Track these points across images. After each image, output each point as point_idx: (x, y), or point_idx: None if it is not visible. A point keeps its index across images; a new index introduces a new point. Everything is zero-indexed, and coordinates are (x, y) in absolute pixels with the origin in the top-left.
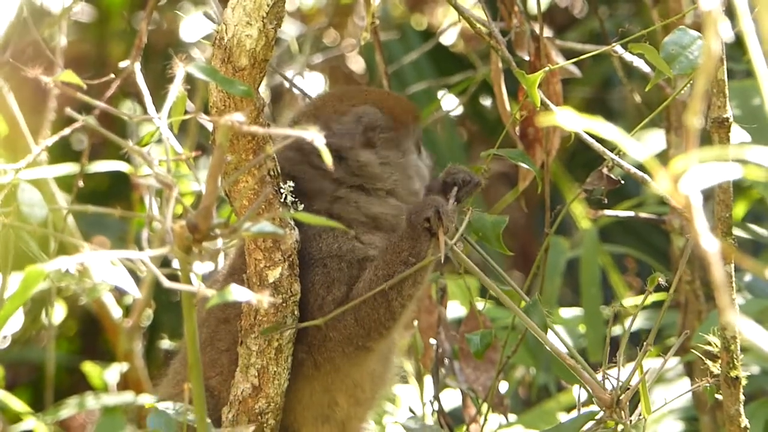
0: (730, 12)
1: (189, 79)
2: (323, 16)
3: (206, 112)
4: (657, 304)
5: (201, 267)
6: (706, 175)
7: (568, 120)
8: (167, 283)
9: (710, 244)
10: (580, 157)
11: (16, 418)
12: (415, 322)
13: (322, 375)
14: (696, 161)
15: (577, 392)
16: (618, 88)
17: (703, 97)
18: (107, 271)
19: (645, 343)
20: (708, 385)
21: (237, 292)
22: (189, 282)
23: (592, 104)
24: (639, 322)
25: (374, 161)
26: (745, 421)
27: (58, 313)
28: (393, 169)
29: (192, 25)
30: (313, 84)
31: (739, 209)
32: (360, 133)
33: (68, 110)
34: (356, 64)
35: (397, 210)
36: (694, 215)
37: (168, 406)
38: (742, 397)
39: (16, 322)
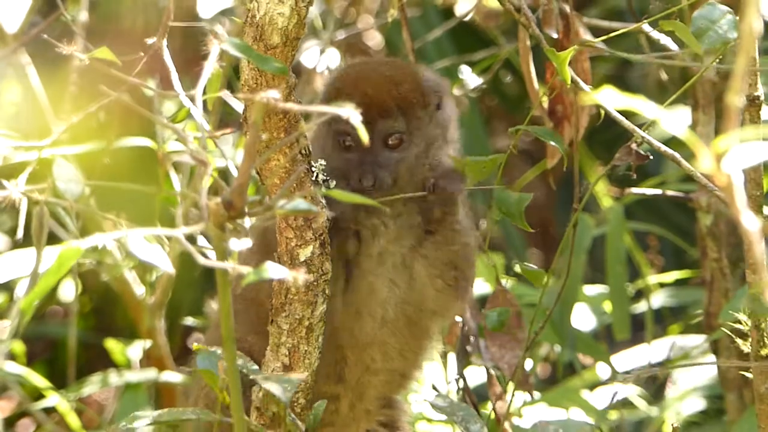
0: None
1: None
2: None
3: (230, 88)
4: (680, 282)
5: (236, 244)
6: (747, 154)
7: (608, 98)
8: (202, 261)
9: (751, 222)
10: (601, 135)
11: (35, 393)
12: None
13: (328, 329)
14: (737, 140)
15: (601, 369)
16: (639, 65)
17: (736, 75)
18: (142, 248)
19: None
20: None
21: (272, 270)
22: (224, 259)
23: (612, 81)
24: (662, 300)
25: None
26: None
27: (72, 289)
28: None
29: (209, 1)
30: (331, 60)
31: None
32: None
33: (102, 87)
34: (372, 39)
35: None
36: (734, 194)
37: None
38: None
39: None
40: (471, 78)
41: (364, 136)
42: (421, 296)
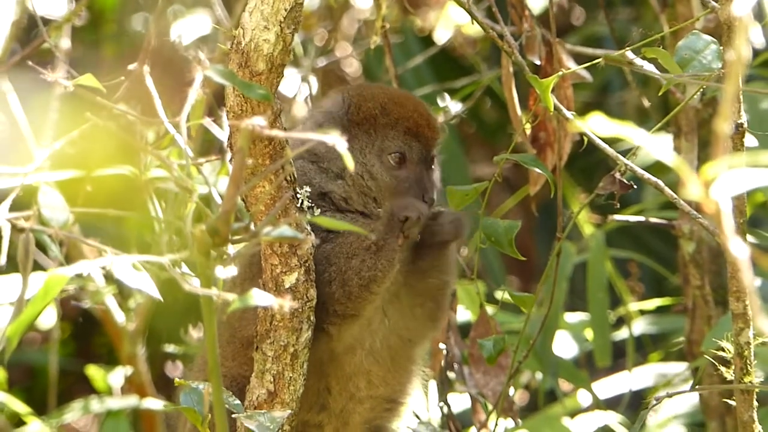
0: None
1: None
2: (315, 18)
3: (211, 115)
4: (660, 309)
5: (221, 271)
6: (736, 181)
7: (596, 125)
8: (188, 288)
9: (740, 249)
10: (581, 161)
11: (14, 420)
12: None
13: (314, 360)
14: (727, 167)
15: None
16: (617, 93)
17: (720, 102)
18: (130, 275)
19: None
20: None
21: (258, 297)
22: (209, 286)
23: (592, 108)
24: (642, 327)
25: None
26: (758, 428)
27: (51, 316)
28: (339, 157)
29: (187, 28)
30: (311, 88)
31: None
32: (319, 114)
33: (89, 115)
34: (350, 67)
35: (347, 192)
36: (723, 221)
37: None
38: (755, 404)
39: None
40: (451, 105)
41: (350, 163)
42: (402, 324)
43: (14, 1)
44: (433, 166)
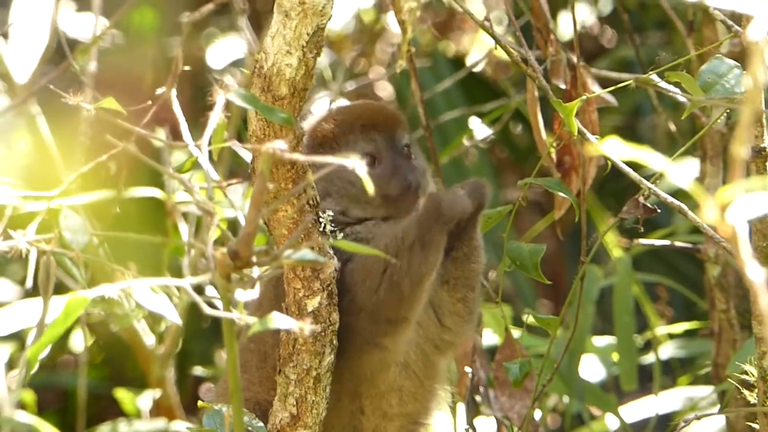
0: None
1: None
2: (350, 42)
3: (239, 139)
4: (689, 333)
5: (242, 294)
6: (752, 205)
7: (613, 149)
8: (208, 311)
9: (756, 274)
10: (610, 185)
11: None
12: None
13: (349, 380)
14: (742, 191)
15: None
16: (648, 116)
17: (742, 126)
18: (148, 298)
19: None
20: None
21: (279, 321)
22: (230, 309)
23: (622, 133)
24: (671, 351)
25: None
26: None
27: (82, 339)
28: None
29: (220, 52)
30: None
31: None
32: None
33: (108, 137)
34: (384, 90)
35: (340, 205)
36: (740, 245)
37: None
38: None
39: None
40: (481, 129)
41: (370, 187)
42: (439, 329)
43: (48, 26)
44: (411, 154)
